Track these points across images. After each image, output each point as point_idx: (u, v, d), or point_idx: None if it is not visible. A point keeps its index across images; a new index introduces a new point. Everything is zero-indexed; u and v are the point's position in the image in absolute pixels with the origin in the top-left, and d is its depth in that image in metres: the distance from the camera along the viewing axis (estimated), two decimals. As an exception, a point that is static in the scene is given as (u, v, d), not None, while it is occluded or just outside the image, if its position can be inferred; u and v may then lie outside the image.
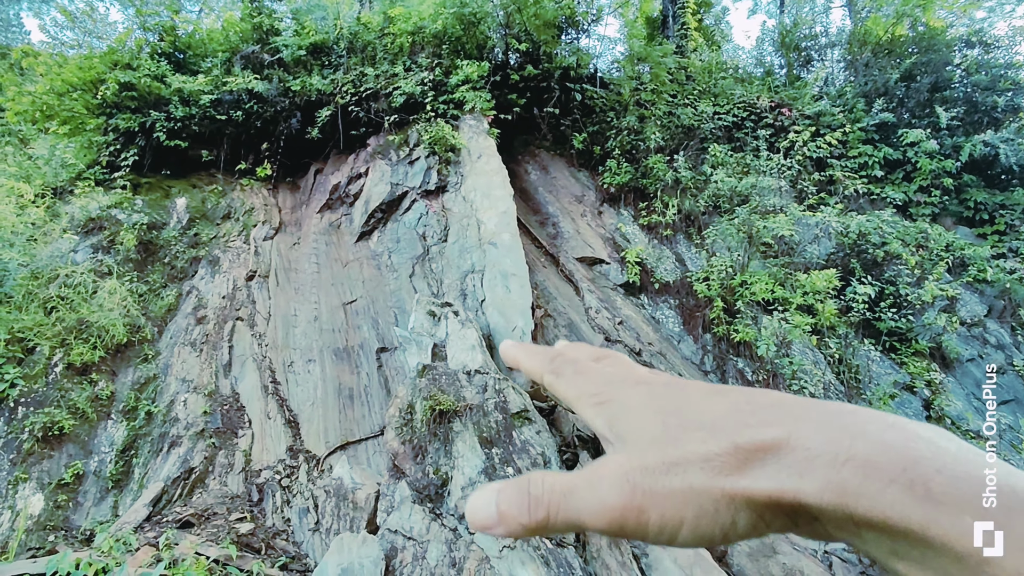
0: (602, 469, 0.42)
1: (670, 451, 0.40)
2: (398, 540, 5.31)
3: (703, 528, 0.38)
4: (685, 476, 0.39)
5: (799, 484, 0.35)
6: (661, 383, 0.48)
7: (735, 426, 0.40)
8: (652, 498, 0.39)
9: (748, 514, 0.38)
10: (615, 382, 0.49)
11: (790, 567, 5.04)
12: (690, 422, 0.42)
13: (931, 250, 9.77)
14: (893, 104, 12.47)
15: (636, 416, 0.45)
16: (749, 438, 0.38)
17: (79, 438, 7.02)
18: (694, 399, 0.44)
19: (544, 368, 0.55)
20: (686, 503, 0.38)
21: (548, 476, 0.44)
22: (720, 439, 0.39)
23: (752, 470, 0.37)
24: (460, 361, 6.78)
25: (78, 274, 8.31)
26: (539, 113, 11.97)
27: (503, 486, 0.44)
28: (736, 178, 10.11)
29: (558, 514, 0.42)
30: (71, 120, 11.05)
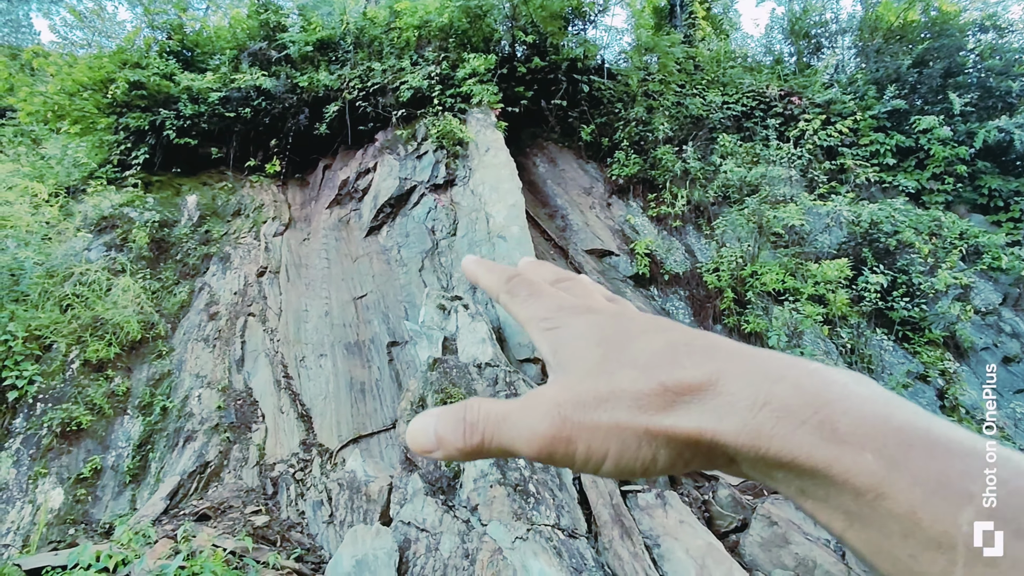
0: (537, 398, 0.43)
1: (602, 386, 0.41)
2: (411, 532, 5.36)
3: (625, 461, 0.40)
4: (613, 412, 0.40)
5: (717, 425, 0.37)
6: (610, 313, 0.48)
7: (666, 366, 0.40)
8: (580, 430, 0.40)
9: (668, 451, 0.39)
10: (565, 308, 0.49)
11: (802, 556, 5.04)
12: (626, 358, 0.42)
13: (944, 238, 9.66)
14: (905, 91, 12.31)
15: (578, 346, 0.45)
16: (677, 379, 0.39)
17: (96, 433, 7.13)
18: (635, 334, 0.44)
19: (500, 287, 0.55)
20: (611, 437, 0.39)
21: (484, 403, 0.45)
22: (649, 378, 0.40)
23: (675, 410, 0.38)
24: (470, 354, 6.81)
25: (92, 272, 8.41)
26: (546, 105, 11.93)
27: (441, 412, 0.45)
28: (746, 168, 10.03)
29: (492, 440, 0.43)
30: (82, 120, 11.15)
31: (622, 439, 0.39)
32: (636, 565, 4.89)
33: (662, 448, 0.39)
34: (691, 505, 5.49)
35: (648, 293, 9.77)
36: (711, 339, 0.42)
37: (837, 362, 7.97)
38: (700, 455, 0.39)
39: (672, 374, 0.40)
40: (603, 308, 0.49)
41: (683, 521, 5.24)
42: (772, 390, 0.36)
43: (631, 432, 0.39)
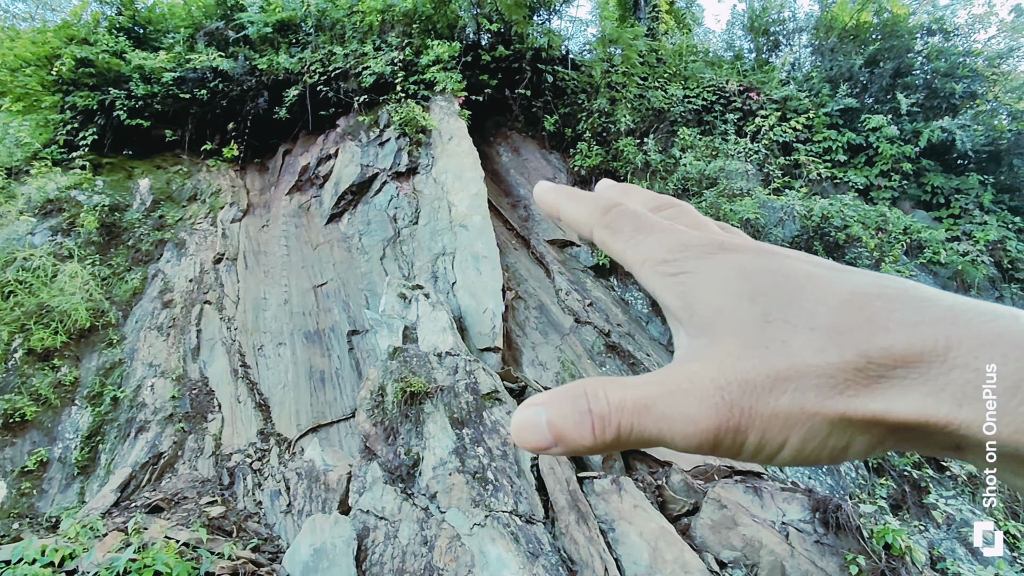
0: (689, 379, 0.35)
1: (776, 360, 0.33)
2: (370, 520, 5.39)
3: (808, 450, 0.33)
4: (796, 395, 0.32)
5: (956, 412, 0.29)
6: (752, 250, 0.39)
7: (864, 327, 0.32)
8: (753, 418, 0.33)
9: (868, 438, 0.33)
10: (692, 246, 0.40)
11: (749, 537, 5.27)
12: (799, 316, 0.34)
13: (890, 233, 10.09)
14: (857, 90, 12.75)
15: (724, 298, 0.37)
16: (885, 347, 0.31)
17: (42, 424, 6.90)
18: (800, 279, 0.36)
19: (594, 220, 0.45)
20: (794, 424, 0.33)
21: (611, 388, 0.36)
22: (843, 346, 0.32)
23: (885, 388, 0.31)
24: (431, 343, 6.83)
25: (37, 257, 8.09)
26: (511, 95, 11.92)
27: (551, 400, 0.37)
28: (705, 161, 10.25)
29: (631, 434, 0.35)
30: (25, 97, 10.63)
31: (809, 426, 0.32)
32: (591, 549, 5.03)
33: (860, 435, 0.33)
34: (645, 490, 5.66)
35: (608, 283, 9.93)
36: (907, 286, 0.34)
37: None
38: (912, 440, 0.32)
39: (875, 340, 0.31)
40: (740, 244, 0.40)
41: (637, 506, 5.41)
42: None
43: (821, 418, 0.32)
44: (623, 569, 4.98)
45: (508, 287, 8.75)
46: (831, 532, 5.27)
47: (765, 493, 5.59)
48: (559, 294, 9.28)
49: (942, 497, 6.88)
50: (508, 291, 8.63)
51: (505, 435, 5.90)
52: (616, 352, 8.56)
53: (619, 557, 5.04)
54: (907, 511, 6.78)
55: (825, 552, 5.11)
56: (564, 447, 0.37)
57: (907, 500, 6.91)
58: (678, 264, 0.39)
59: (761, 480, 5.92)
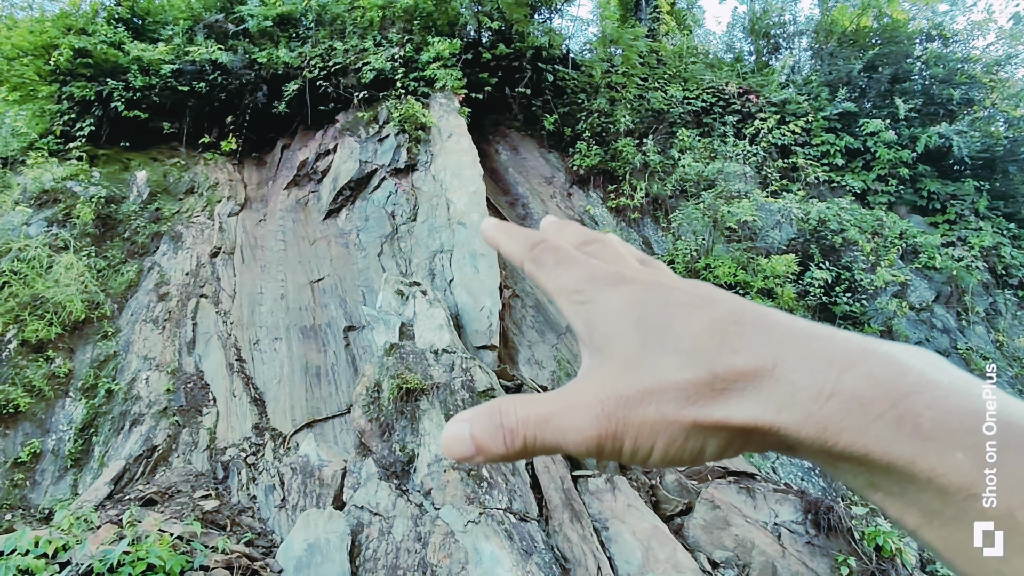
0: (578, 396, 0.41)
1: (645, 378, 0.39)
2: (364, 516, 5.39)
3: (673, 452, 0.39)
4: (658, 406, 0.38)
5: (776, 417, 0.35)
6: (645, 284, 0.45)
7: (715, 350, 0.38)
8: (626, 427, 0.39)
9: (718, 441, 0.38)
10: (597, 278, 0.46)
11: (742, 538, 5.29)
12: (668, 342, 0.40)
13: (886, 237, 10.14)
14: (855, 94, 12.80)
15: (615, 325, 0.43)
16: (728, 365, 0.37)
17: (36, 416, 6.88)
18: (676, 310, 0.42)
19: (523, 255, 0.51)
20: (657, 431, 0.38)
21: (519, 405, 0.42)
22: (697, 366, 0.38)
23: (727, 399, 0.37)
24: (428, 340, 6.83)
25: (32, 248, 8.05)
26: (510, 93, 11.92)
27: (473, 417, 0.43)
28: (703, 163, 10.28)
29: (535, 443, 0.41)
30: (22, 87, 10.58)
31: (669, 432, 0.38)
32: (584, 547, 5.05)
33: (711, 438, 0.38)
34: (639, 490, 5.68)
35: (605, 283, 9.95)
36: (760, 313, 0.40)
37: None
38: (753, 443, 0.38)
39: (722, 360, 0.38)
40: (637, 277, 0.46)
41: (631, 505, 5.43)
42: (840, 380, 0.34)
43: (678, 425, 0.38)
44: (616, 568, 5.00)
45: (505, 285, 8.76)
46: (822, 533, 5.31)
47: (758, 494, 5.62)
48: (556, 293, 9.28)
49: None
50: (505, 289, 8.64)
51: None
52: (612, 352, 8.57)
53: (612, 556, 5.06)
54: (898, 514, 6.82)
55: (816, 553, 5.14)
56: (483, 456, 0.42)
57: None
58: (584, 294, 0.45)
59: (754, 481, 5.95)
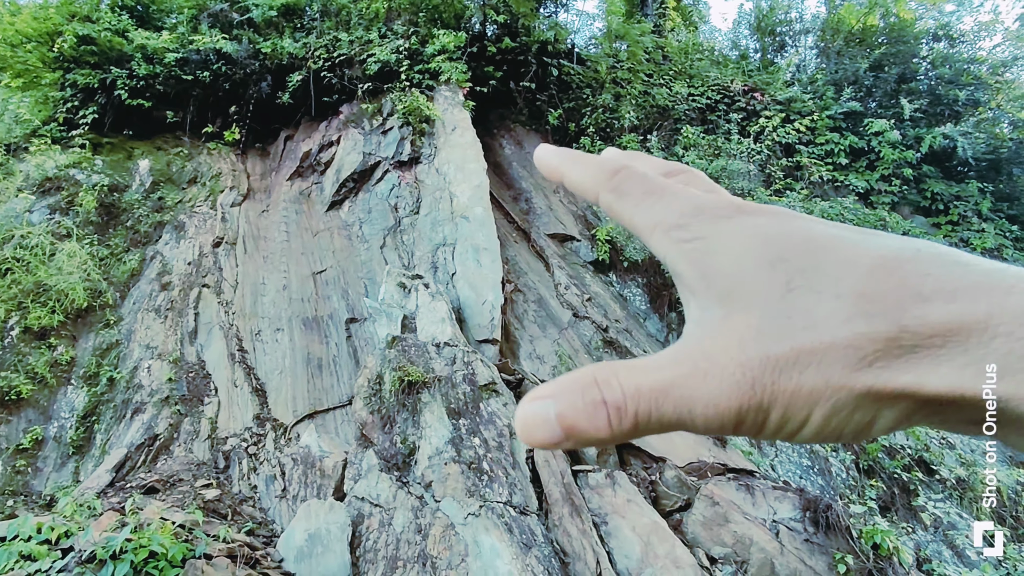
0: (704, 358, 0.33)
1: (800, 332, 0.31)
2: (365, 507, 5.41)
3: (832, 426, 0.31)
4: (820, 369, 0.30)
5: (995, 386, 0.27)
6: (771, 213, 0.37)
7: (896, 294, 0.30)
8: (775, 395, 0.31)
9: (896, 412, 0.31)
10: (706, 210, 0.37)
11: (740, 535, 5.32)
12: (825, 282, 0.32)
13: (888, 237, 10.12)
14: (861, 93, 12.76)
15: (742, 265, 0.34)
16: (920, 316, 0.29)
17: (38, 403, 6.90)
18: (826, 243, 0.33)
19: (601, 184, 0.42)
20: (818, 400, 0.31)
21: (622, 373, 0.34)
22: (873, 315, 0.30)
23: (918, 361, 0.29)
24: (429, 333, 6.84)
25: (35, 235, 8.05)
26: (515, 87, 11.89)
27: (558, 391, 0.34)
28: (707, 160, 10.26)
29: (650, 421, 0.33)
30: (25, 73, 10.55)
31: (833, 401, 0.30)
32: (584, 541, 5.07)
33: (887, 409, 0.31)
34: (639, 485, 5.71)
35: (607, 279, 9.95)
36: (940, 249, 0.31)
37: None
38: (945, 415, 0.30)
39: (910, 309, 0.29)
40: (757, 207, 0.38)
41: (630, 500, 5.45)
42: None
43: (846, 393, 0.30)
44: (615, 562, 5.02)
45: (507, 280, 8.77)
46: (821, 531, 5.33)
47: (757, 491, 5.64)
48: (558, 288, 9.30)
49: (931, 500, 6.95)
50: (507, 284, 8.64)
51: (502, 426, 5.93)
52: (613, 348, 8.59)
53: (611, 550, 5.09)
54: (896, 513, 6.86)
55: (814, 551, 5.17)
56: (576, 441, 0.34)
57: (896, 502, 6.99)
58: (692, 229, 0.37)
59: (753, 478, 5.98)
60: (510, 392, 6.46)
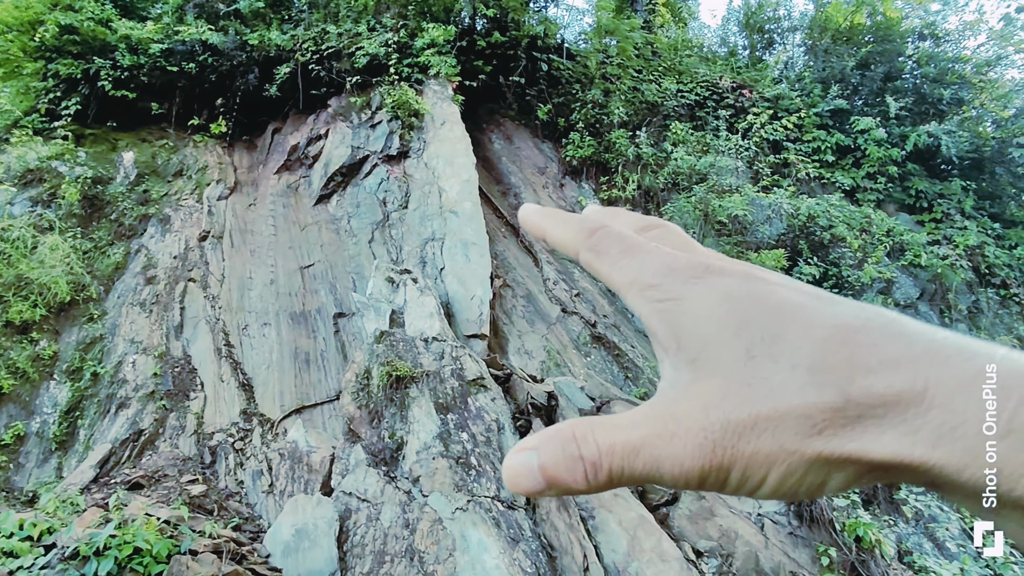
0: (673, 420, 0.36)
1: (758, 400, 0.33)
2: (352, 502, 5.41)
3: (788, 486, 0.34)
4: (776, 435, 0.33)
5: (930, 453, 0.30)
6: (738, 275, 0.39)
7: (844, 365, 0.32)
8: (734, 458, 0.33)
9: (846, 475, 0.33)
10: (677, 270, 0.39)
11: (726, 528, 5.38)
12: (783, 353, 0.34)
13: (874, 234, 10.25)
14: (848, 91, 12.87)
15: (709, 330, 0.36)
16: (865, 387, 0.31)
17: (20, 398, 6.80)
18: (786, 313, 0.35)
19: (580, 242, 0.44)
20: (773, 463, 0.33)
21: (598, 432, 0.37)
22: (824, 386, 0.32)
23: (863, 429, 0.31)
24: (418, 328, 6.83)
25: (16, 228, 7.92)
26: (505, 82, 11.86)
27: (540, 445, 0.37)
28: (696, 156, 10.31)
29: (622, 476, 0.36)
30: (6, 63, 10.36)
31: (787, 465, 0.33)
32: (571, 535, 5.10)
33: (837, 473, 0.33)
34: (626, 479, 5.74)
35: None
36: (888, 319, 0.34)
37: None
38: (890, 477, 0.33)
39: (857, 380, 0.32)
40: (726, 267, 0.40)
41: (617, 495, 5.49)
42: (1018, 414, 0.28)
43: (799, 458, 0.33)
44: (602, 556, 5.06)
45: (496, 275, 8.76)
46: (804, 524, 5.41)
47: (743, 485, 5.69)
48: (547, 283, 9.31)
49: (912, 493, 7.07)
50: (496, 279, 8.64)
51: (489, 421, 5.94)
52: (601, 343, 8.63)
53: (598, 544, 5.12)
54: (878, 506, 6.96)
55: (798, 544, 5.24)
56: (557, 490, 0.37)
57: (878, 495, 7.09)
58: (663, 289, 0.39)
59: (739, 473, 6.03)
60: (498, 387, 6.47)
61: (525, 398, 6.58)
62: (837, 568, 5.01)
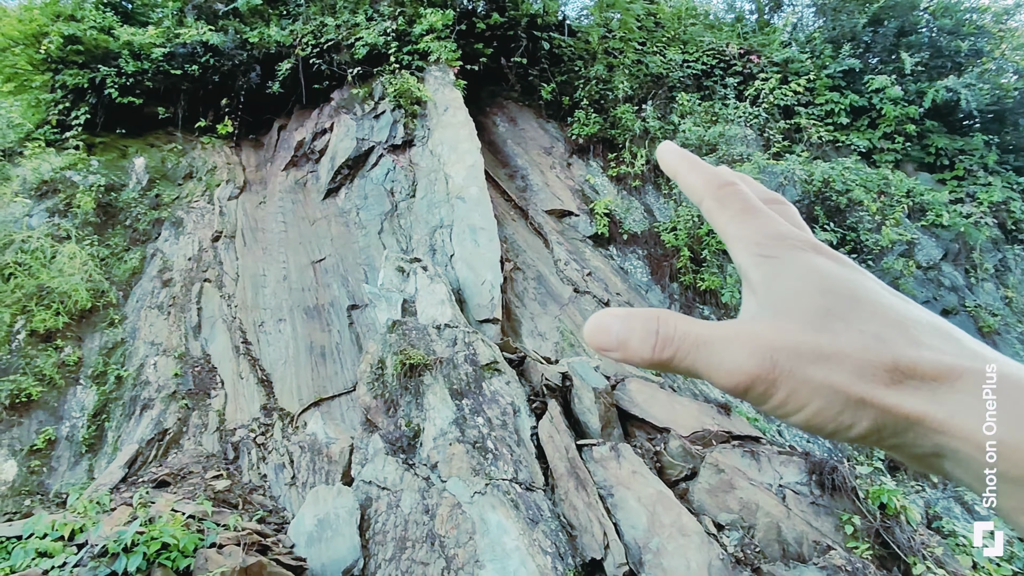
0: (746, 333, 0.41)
1: (825, 342, 0.39)
2: (372, 490, 5.47)
3: (820, 419, 0.39)
4: (830, 371, 0.38)
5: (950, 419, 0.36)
6: (837, 258, 0.45)
7: (902, 341, 0.38)
8: (788, 379, 0.38)
9: (870, 423, 0.38)
10: (787, 238, 0.45)
11: (747, 500, 5.33)
12: (854, 318, 0.40)
13: (892, 196, 9.98)
14: (860, 50, 12.46)
15: (799, 287, 0.42)
16: (913, 359, 0.38)
17: (48, 404, 6.99)
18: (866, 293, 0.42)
19: (709, 191, 0.49)
20: (818, 393, 0.38)
21: (679, 321, 0.42)
22: (882, 350, 0.38)
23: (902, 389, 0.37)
24: (430, 316, 6.85)
25: (34, 239, 8.10)
26: (506, 63, 11.72)
27: (627, 315, 0.43)
28: (704, 127, 10.10)
29: (683, 360, 0.41)
30: (15, 77, 10.52)
31: (829, 398, 0.38)
32: (590, 514, 5.11)
33: (866, 419, 0.38)
34: (643, 456, 5.72)
35: (607, 252, 9.89)
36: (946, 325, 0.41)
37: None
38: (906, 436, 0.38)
39: (908, 352, 0.38)
40: (828, 250, 0.46)
41: (635, 471, 5.47)
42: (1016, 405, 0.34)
43: (842, 395, 0.38)
44: (622, 533, 5.06)
45: (506, 258, 8.73)
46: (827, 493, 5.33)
47: (762, 457, 5.64)
48: (558, 264, 9.25)
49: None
50: (506, 262, 8.61)
51: (505, 404, 5.95)
52: (616, 321, 8.55)
53: (618, 522, 5.12)
54: (904, 472, 6.85)
55: (821, 512, 5.18)
56: (624, 353, 0.42)
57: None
58: (771, 248, 0.45)
59: (759, 444, 5.98)
60: (512, 370, 6.47)
61: (540, 380, 6.58)
62: (861, 536, 4.94)
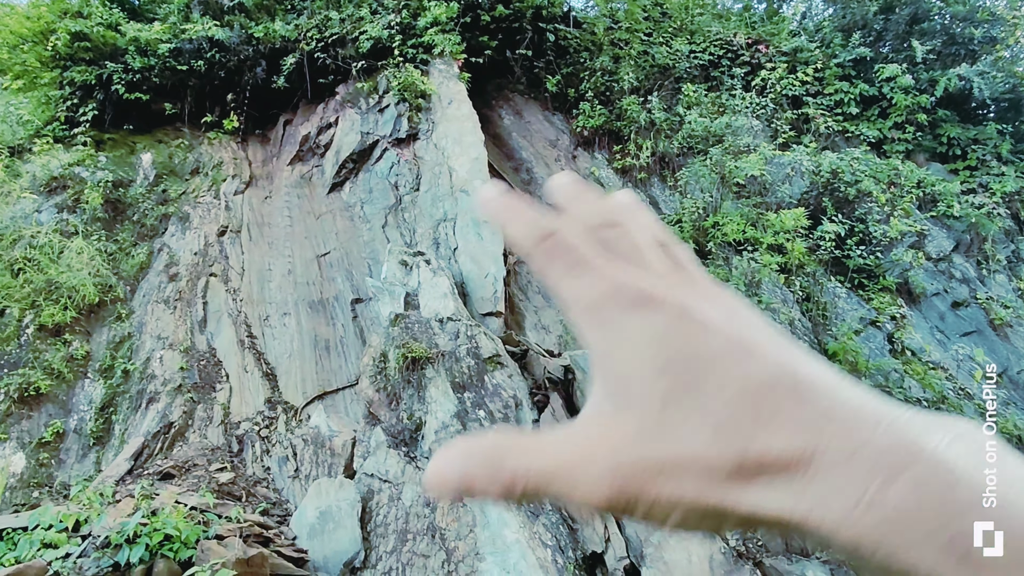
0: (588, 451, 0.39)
1: (667, 446, 0.37)
2: (374, 483, 5.50)
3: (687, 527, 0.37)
4: (679, 483, 0.36)
5: (809, 515, 0.33)
6: (674, 311, 0.40)
7: (747, 425, 0.35)
8: (640, 496, 0.37)
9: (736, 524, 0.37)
10: (620, 296, 0.40)
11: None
12: (696, 404, 0.37)
13: (902, 187, 9.83)
14: (870, 38, 12.26)
15: (636, 367, 0.39)
16: (760, 449, 0.35)
17: (57, 398, 7.08)
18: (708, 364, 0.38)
19: (531, 246, 0.44)
20: (673, 507, 0.36)
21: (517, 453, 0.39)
22: (726, 443, 0.35)
23: (754, 487, 0.35)
24: (432, 309, 6.85)
25: (43, 235, 8.18)
26: (511, 56, 11.65)
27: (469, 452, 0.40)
28: (710, 118, 10.00)
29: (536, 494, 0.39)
30: (24, 74, 10.61)
31: (686, 509, 0.36)
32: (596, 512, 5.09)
33: (731, 522, 0.37)
34: (646, 449, 5.69)
35: (613, 246, 9.83)
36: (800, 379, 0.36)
37: (792, 309, 8.17)
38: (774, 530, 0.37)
39: (754, 440, 0.35)
40: (665, 298, 0.40)
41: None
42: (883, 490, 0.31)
43: (698, 507, 0.36)
44: (623, 526, 5.05)
45: (510, 252, 8.71)
46: None
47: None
48: (563, 258, 9.20)
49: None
50: (510, 256, 8.58)
51: (507, 398, 5.94)
52: (620, 315, 8.52)
53: (619, 515, 5.11)
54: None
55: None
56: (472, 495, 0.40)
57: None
58: (604, 313, 0.40)
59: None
60: (515, 363, 6.46)
61: (542, 373, 6.56)
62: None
